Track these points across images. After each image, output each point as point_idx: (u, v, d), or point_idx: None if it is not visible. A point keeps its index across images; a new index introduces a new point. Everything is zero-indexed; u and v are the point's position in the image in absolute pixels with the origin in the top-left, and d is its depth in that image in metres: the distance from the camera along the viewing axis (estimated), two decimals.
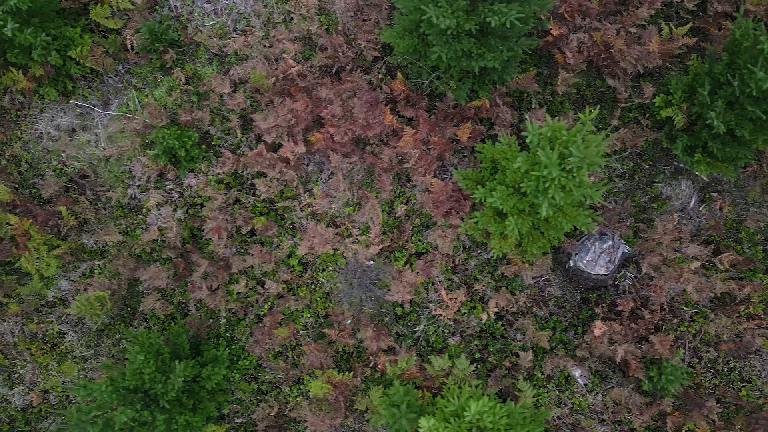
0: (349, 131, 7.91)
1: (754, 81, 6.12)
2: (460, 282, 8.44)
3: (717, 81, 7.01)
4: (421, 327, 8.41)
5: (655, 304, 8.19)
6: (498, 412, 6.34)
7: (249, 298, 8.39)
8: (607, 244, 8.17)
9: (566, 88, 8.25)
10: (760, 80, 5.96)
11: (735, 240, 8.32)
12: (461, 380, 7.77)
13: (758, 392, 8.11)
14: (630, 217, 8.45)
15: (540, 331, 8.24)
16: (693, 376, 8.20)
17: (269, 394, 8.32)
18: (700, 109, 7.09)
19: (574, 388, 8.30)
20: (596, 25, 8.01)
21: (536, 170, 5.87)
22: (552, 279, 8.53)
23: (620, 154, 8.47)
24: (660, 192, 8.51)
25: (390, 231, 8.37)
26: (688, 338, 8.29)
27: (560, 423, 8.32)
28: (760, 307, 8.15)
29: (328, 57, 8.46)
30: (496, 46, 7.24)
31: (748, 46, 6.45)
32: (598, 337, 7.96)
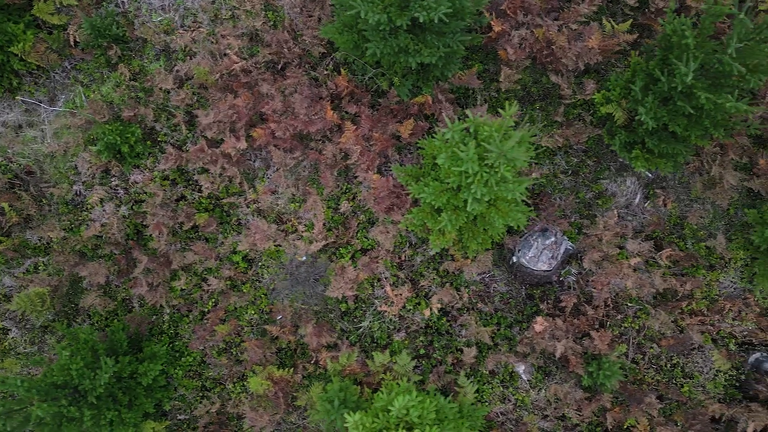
0: (291, 127, 7.89)
1: (680, 76, 6.13)
2: (405, 278, 8.44)
3: (651, 77, 7.02)
4: (366, 323, 8.41)
5: (598, 300, 8.21)
6: (428, 407, 6.35)
7: (193, 295, 8.37)
8: (550, 241, 8.19)
9: (510, 84, 8.25)
10: (684, 75, 5.98)
11: (678, 236, 8.34)
12: (401, 376, 7.77)
13: (701, 388, 8.13)
14: (575, 214, 8.48)
15: (483, 326, 8.25)
16: (636, 372, 8.23)
17: (213, 391, 8.30)
18: (633, 105, 7.11)
19: (518, 384, 8.31)
20: (538, 21, 8.01)
21: (458, 165, 5.87)
22: (497, 275, 8.54)
23: (565, 150, 8.49)
24: (605, 188, 8.52)
25: (335, 227, 8.36)
26: (632, 334, 8.31)
27: (504, 419, 8.33)
28: (703, 303, 8.18)
29: (273, 53, 8.45)
30: (432, 42, 7.24)
31: (677, 41, 6.46)
32: (540, 333, 7.97)
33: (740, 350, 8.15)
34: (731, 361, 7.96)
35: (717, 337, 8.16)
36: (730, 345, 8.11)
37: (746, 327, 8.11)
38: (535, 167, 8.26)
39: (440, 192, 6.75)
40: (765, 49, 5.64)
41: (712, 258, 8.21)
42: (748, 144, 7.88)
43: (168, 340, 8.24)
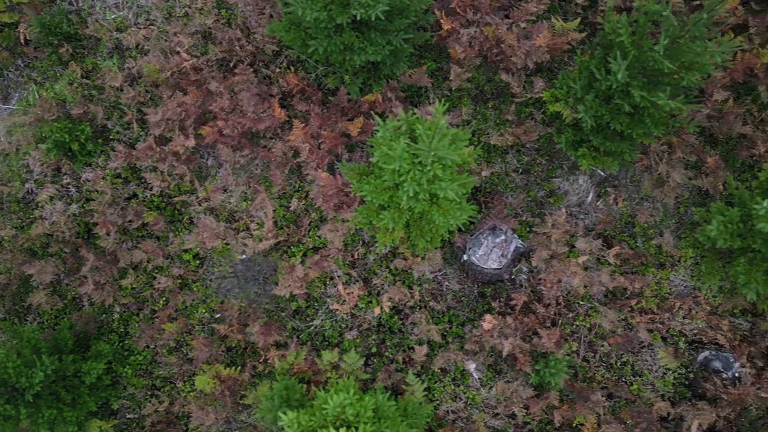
0: (239, 125, 7.88)
1: (614, 74, 6.14)
2: (358, 276, 8.44)
3: (593, 75, 7.03)
4: (318, 321, 8.40)
5: (549, 299, 8.22)
6: (366, 405, 6.34)
7: (143, 293, 8.35)
8: (500, 239, 8.20)
9: (461, 82, 8.26)
10: (616, 72, 5.99)
11: (629, 235, 8.36)
12: (349, 374, 7.76)
13: (650, 386, 8.15)
14: (527, 212, 8.48)
15: (434, 324, 8.25)
16: (586, 370, 8.24)
17: (162, 390, 8.28)
18: (575, 104, 7.12)
19: (469, 383, 8.31)
20: (488, 19, 8.02)
21: (390, 163, 5.86)
22: (450, 273, 8.54)
23: (517, 148, 8.49)
24: (558, 187, 8.53)
25: (286, 225, 8.35)
26: (584, 333, 8.32)
27: (455, 417, 8.33)
28: (653, 301, 8.20)
29: (225, 51, 8.44)
30: (376, 40, 7.24)
31: (615, 39, 6.46)
32: (488, 331, 7.97)
33: (690, 348, 8.16)
34: (679, 359, 7.98)
35: (667, 335, 8.17)
36: (680, 343, 8.12)
37: (696, 325, 8.13)
38: (485, 165, 8.26)
39: (381, 190, 6.74)
40: (694, 48, 5.65)
41: (661, 256, 8.22)
42: (696, 142, 7.91)
43: (117, 339, 8.22)
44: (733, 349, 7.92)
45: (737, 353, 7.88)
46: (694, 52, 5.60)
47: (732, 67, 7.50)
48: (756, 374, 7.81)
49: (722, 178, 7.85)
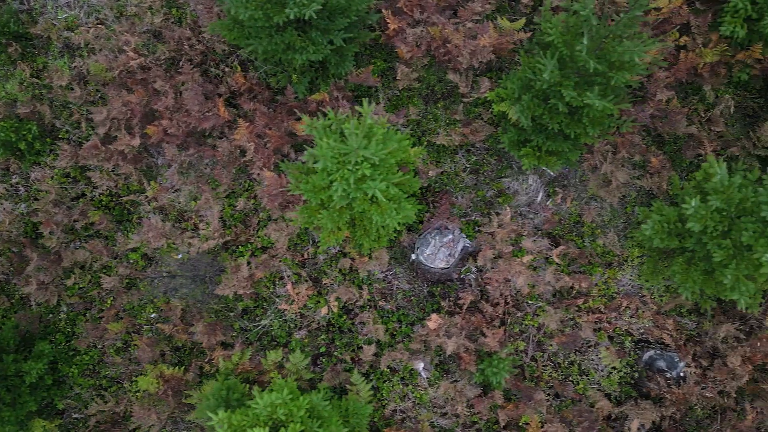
0: (183, 123, 7.87)
1: (541, 73, 6.15)
2: (308, 276, 8.43)
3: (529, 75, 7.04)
4: (266, 321, 8.39)
5: (497, 298, 8.22)
6: (300, 405, 6.33)
7: (90, 293, 8.33)
8: (448, 238, 8.21)
9: (409, 82, 8.26)
10: (542, 71, 6.00)
11: (578, 234, 8.37)
12: (293, 374, 7.75)
13: (596, 385, 8.16)
14: (476, 212, 8.49)
15: (382, 324, 8.25)
16: (534, 369, 8.24)
17: (109, 390, 8.26)
18: (513, 104, 7.13)
19: (418, 382, 8.31)
20: (434, 19, 8.02)
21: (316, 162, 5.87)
22: (400, 273, 8.53)
23: (467, 148, 8.50)
24: (507, 186, 8.54)
25: (234, 225, 8.34)
26: (532, 332, 8.33)
27: (403, 416, 8.32)
28: (600, 301, 8.21)
29: (173, 50, 8.43)
30: (317, 39, 7.24)
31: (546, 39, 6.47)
32: (434, 330, 7.97)
33: (636, 348, 8.18)
34: (623, 358, 7.99)
35: (614, 334, 8.19)
36: (626, 342, 8.14)
37: (643, 325, 8.14)
38: (432, 166, 8.26)
39: (318, 189, 6.74)
40: (617, 48, 5.65)
41: (608, 256, 8.24)
42: (642, 142, 7.92)
43: (64, 339, 8.20)
44: (679, 348, 7.94)
45: (682, 353, 7.89)
46: (617, 52, 5.61)
47: (665, 66, 7.52)
48: (701, 374, 7.82)
49: (666, 178, 7.87)
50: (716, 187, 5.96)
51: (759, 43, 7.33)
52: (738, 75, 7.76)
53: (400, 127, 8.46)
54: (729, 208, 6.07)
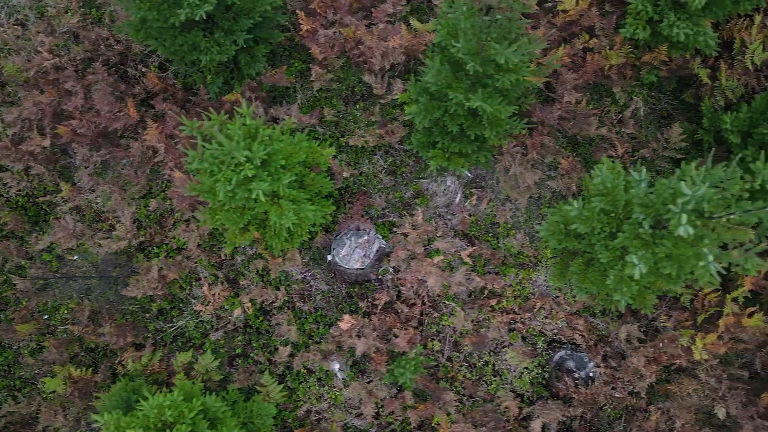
0: (93, 124, 7.84)
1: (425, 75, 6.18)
2: (224, 277, 8.41)
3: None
4: (181, 323, 8.37)
5: (413, 299, 8.24)
6: (192, 406, 6.33)
7: (4, 294, 8.29)
8: (363, 239, 8.22)
9: (323, 83, 8.26)
10: (426, 73, 6.01)
11: (493, 235, 8.40)
12: (203, 375, 7.74)
13: (508, 386, 8.19)
14: (394, 213, 8.49)
15: (299, 325, 8.26)
16: (448, 369, 8.26)
17: (22, 391, 8.22)
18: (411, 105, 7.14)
19: (334, 383, 8.32)
20: (347, 20, 8.02)
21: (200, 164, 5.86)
22: (318, 274, 8.53)
23: (385, 150, 8.51)
24: (426, 188, 8.55)
25: (149, 226, 8.31)
26: (449, 332, 8.35)
27: (319, 417, 8.33)
28: (516, 301, 8.24)
29: (89, 50, 8.39)
30: (220, 40, 7.23)
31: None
32: (347, 330, 7.98)
33: (549, 348, 8.22)
34: (532, 358, 8.02)
35: (527, 335, 8.22)
36: (539, 343, 8.18)
37: (556, 325, 8.18)
38: (347, 167, 8.26)
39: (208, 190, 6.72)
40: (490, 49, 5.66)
41: (522, 257, 8.27)
42: (552, 144, 7.95)
43: None
44: (589, 349, 7.98)
45: (592, 353, 7.93)
46: (492, 54, 5.62)
47: (559, 67, 7.55)
48: (611, 374, 7.87)
49: (576, 180, 7.90)
50: (599, 188, 5.99)
51: (664, 45, 7.37)
52: (646, 77, 7.81)
53: (318, 128, 8.46)
54: (616, 210, 6.10)
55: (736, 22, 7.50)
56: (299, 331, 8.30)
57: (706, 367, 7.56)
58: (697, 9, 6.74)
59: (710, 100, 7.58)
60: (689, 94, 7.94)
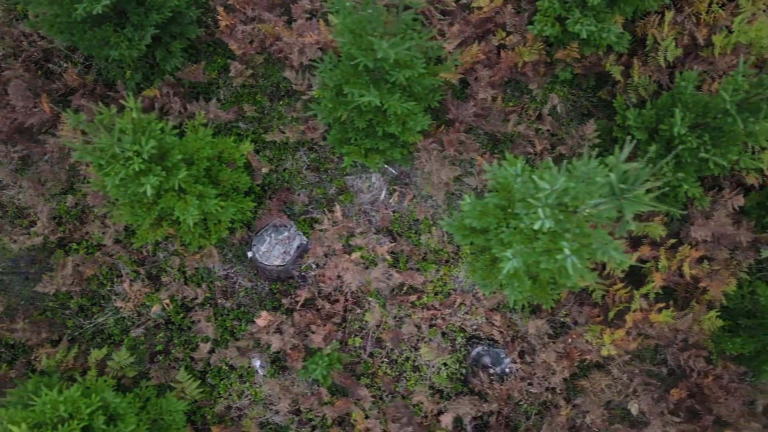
0: (9, 119, 7.80)
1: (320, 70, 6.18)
2: (146, 274, 8.38)
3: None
4: (101, 319, 8.34)
5: (336, 295, 8.25)
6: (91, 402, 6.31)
7: None
8: (283, 235, 8.21)
9: (244, 79, 8.25)
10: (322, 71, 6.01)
11: (416, 231, 8.41)
12: (117, 371, 7.72)
13: (427, 381, 8.20)
14: (317, 209, 8.49)
15: (217, 322, 8.24)
16: (369, 366, 8.27)
17: None
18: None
19: (254, 379, 8.31)
20: (266, 16, 8.02)
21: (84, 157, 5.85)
22: (241, 270, 8.52)
23: (309, 146, 8.51)
24: (352, 184, 8.56)
25: (69, 222, 8.27)
26: (372, 328, 8.35)
27: (240, 414, 8.31)
28: (438, 297, 8.26)
29: (11, 47, 8.35)
30: (128, 35, 7.21)
31: None
32: (264, 327, 7.97)
33: (468, 344, 8.24)
34: (450, 354, 8.04)
35: (447, 330, 8.24)
36: (458, 338, 8.19)
37: (476, 321, 8.20)
38: (265, 163, 8.25)
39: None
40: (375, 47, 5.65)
41: (442, 253, 8.28)
42: (467, 140, 7.96)
43: None
44: (506, 344, 8.00)
45: (509, 349, 7.96)
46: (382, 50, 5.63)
47: (459, 65, 7.59)
48: (527, 370, 7.89)
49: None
50: (492, 183, 6.01)
51: (575, 42, 7.40)
52: (561, 74, 7.84)
53: (240, 124, 8.46)
54: (512, 205, 6.12)
55: (648, 19, 7.54)
56: (220, 328, 8.29)
57: (619, 363, 7.60)
58: (601, 5, 6.77)
59: (622, 97, 7.62)
60: (605, 91, 7.97)
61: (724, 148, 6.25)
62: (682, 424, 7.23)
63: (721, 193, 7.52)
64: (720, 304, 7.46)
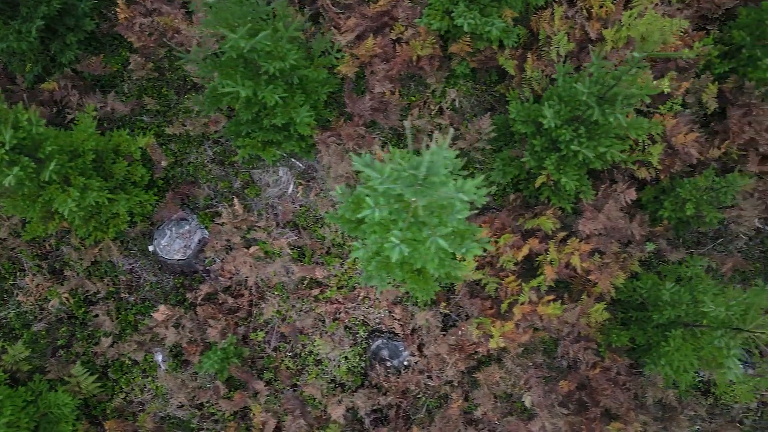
0: None
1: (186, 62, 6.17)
2: (49, 268, 8.33)
3: None
4: (2, 313, 8.28)
5: (240, 289, 8.23)
6: None
7: None
8: (184, 229, 8.19)
9: (144, 72, 8.22)
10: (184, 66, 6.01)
11: (321, 225, 8.41)
12: (12, 365, 7.67)
13: (329, 375, 8.20)
14: (221, 203, 8.47)
15: (118, 316, 8.21)
16: (272, 359, 8.26)
17: None
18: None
19: (157, 373, 8.28)
20: (165, 8, 7.99)
21: None
22: (146, 264, 8.49)
23: (214, 140, 8.49)
24: (259, 178, 8.54)
25: None
26: (277, 322, 8.35)
27: (141, 409, 8.28)
28: (342, 291, 8.26)
29: None
30: (15, 27, 7.16)
31: None
32: (163, 321, 7.95)
33: (370, 337, 8.25)
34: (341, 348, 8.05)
35: (350, 324, 8.25)
36: (360, 332, 8.20)
37: (379, 314, 8.21)
38: (164, 156, 8.22)
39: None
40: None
41: (346, 247, 8.29)
42: (366, 134, 7.98)
43: None
44: (406, 338, 8.02)
45: (408, 342, 7.98)
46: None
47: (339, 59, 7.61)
48: (425, 362, 7.91)
49: None
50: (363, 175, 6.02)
51: (467, 36, 7.43)
52: (457, 68, 7.87)
53: (144, 117, 8.42)
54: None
55: (540, 14, 7.58)
56: (123, 322, 8.26)
57: (513, 356, 7.64)
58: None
59: (516, 91, 7.65)
60: (503, 86, 8.01)
61: (596, 141, 6.30)
62: (571, 416, 7.28)
63: (614, 186, 7.58)
64: (612, 297, 7.52)
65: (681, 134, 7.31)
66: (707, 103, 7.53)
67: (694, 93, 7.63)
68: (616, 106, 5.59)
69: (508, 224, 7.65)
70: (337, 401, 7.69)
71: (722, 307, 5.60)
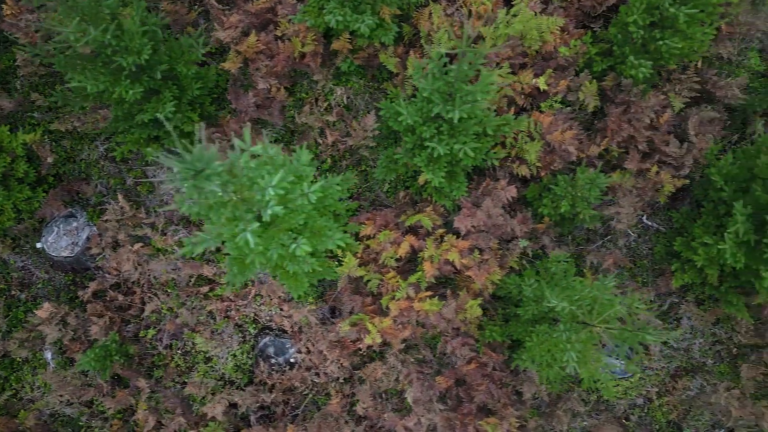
0: None
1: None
2: None
3: None
4: None
5: (132, 286, 8.21)
6: None
7: None
8: (72, 226, 8.16)
9: (34, 68, 8.18)
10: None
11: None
12: None
13: (217, 372, 8.20)
14: (114, 201, 8.44)
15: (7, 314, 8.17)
16: (163, 357, 8.25)
17: None
18: None
19: (46, 371, 8.24)
20: (51, 5, 7.94)
21: None
22: (38, 262, 8.44)
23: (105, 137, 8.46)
24: (153, 174, 8.52)
25: None
26: (168, 320, 8.33)
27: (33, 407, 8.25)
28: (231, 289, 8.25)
29: None
30: None
31: None
32: (47, 319, 7.91)
33: (260, 334, 8.25)
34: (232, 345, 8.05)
35: (240, 321, 8.24)
36: (250, 329, 8.20)
37: (270, 312, 8.22)
38: (50, 152, 8.18)
39: None
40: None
41: None
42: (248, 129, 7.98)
43: None
44: (294, 335, 8.03)
45: (296, 339, 7.99)
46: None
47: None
48: (311, 359, 7.93)
49: None
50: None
51: (347, 33, 7.44)
52: (342, 65, 7.88)
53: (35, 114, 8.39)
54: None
55: (421, 11, 7.61)
56: (13, 320, 8.22)
57: (395, 352, 7.66)
58: None
59: (398, 89, 7.68)
60: (388, 83, 8.04)
61: (456, 138, 6.33)
62: (447, 411, 7.31)
63: (494, 184, 7.62)
64: (491, 294, 7.56)
65: (557, 132, 7.36)
66: (585, 101, 7.59)
67: (575, 91, 7.69)
68: (456, 102, 5.62)
69: (391, 221, 7.67)
70: (218, 399, 7.68)
71: (565, 302, 5.65)
